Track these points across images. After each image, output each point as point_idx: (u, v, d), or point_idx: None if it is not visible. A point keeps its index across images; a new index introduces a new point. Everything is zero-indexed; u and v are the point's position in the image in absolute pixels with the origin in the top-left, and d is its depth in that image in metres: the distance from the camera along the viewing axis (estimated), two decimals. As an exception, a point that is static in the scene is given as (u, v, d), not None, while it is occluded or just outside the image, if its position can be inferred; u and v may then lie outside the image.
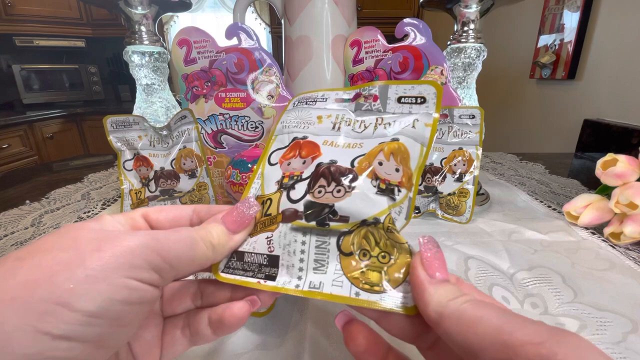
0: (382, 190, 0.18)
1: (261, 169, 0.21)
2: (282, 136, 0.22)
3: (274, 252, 0.18)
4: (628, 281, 0.31)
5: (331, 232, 0.17)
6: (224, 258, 0.18)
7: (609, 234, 0.38)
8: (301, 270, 0.17)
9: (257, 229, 0.19)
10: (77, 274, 0.12)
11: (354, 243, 0.17)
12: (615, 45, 0.84)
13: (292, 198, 0.19)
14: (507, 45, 1.29)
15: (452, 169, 0.42)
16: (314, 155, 0.20)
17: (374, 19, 1.89)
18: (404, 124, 0.19)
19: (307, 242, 0.17)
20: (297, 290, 0.16)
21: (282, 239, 0.18)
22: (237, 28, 0.44)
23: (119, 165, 0.41)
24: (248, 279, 0.17)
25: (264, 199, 0.20)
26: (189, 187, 0.45)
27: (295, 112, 0.23)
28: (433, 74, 0.42)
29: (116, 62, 2.23)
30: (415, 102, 0.19)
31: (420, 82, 0.19)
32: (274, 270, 0.17)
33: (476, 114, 0.40)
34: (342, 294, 0.16)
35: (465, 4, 0.42)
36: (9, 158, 1.57)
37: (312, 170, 0.19)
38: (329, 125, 0.21)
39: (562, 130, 1.03)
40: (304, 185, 0.19)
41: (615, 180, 0.37)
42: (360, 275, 0.16)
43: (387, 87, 0.20)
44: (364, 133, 0.20)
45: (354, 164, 0.19)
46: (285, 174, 0.20)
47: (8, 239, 0.41)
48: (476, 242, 0.38)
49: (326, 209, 0.17)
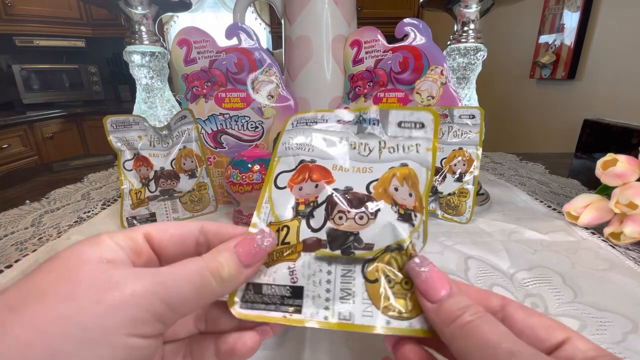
0: (402, 216, 0.18)
1: (268, 192, 0.21)
2: (287, 158, 0.22)
3: (298, 283, 0.17)
4: (628, 281, 0.31)
5: (356, 260, 0.17)
6: (236, 290, 0.18)
7: (609, 234, 0.38)
8: (328, 301, 0.17)
9: (272, 258, 0.18)
10: (75, 334, 0.11)
11: (379, 270, 0.17)
12: (615, 45, 0.84)
13: (313, 227, 0.18)
14: (507, 45, 1.29)
15: (452, 169, 0.42)
16: (327, 180, 0.20)
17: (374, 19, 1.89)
18: (408, 148, 0.19)
19: (332, 271, 0.17)
20: (326, 323, 0.16)
21: (307, 269, 0.17)
22: (237, 28, 0.44)
23: (119, 165, 0.41)
24: (271, 313, 0.17)
25: (279, 226, 0.19)
26: (189, 187, 0.45)
27: (296, 133, 0.22)
28: (433, 74, 0.42)
29: (116, 62, 2.23)
30: (415, 127, 0.20)
31: (418, 108, 0.20)
32: (299, 302, 0.17)
33: (476, 114, 0.40)
34: (373, 324, 0.16)
35: (465, 4, 0.42)
36: (9, 158, 1.57)
37: (328, 194, 0.19)
38: (334, 148, 0.21)
39: (562, 130, 1.03)
40: (322, 211, 0.19)
41: (615, 180, 0.37)
42: (388, 303, 0.16)
43: (388, 112, 0.20)
44: (370, 157, 0.20)
45: (370, 190, 0.19)
46: (299, 200, 0.20)
47: (8, 239, 0.41)
48: (476, 242, 0.38)
49: (351, 237, 0.17)
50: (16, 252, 0.37)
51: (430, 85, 0.42)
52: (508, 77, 1.30)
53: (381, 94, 0.46)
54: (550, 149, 1.07)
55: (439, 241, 0.38)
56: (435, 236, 0.39)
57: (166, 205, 0.44)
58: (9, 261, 0.35)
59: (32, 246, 0.39)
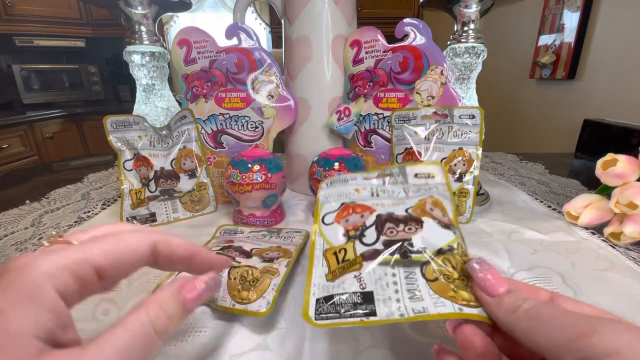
0: (444, 226, 0.20)
1: (318, 230, 0.23)
2: (329, 204, 0.24)
3: (367, 289, 0.18)
4: (628, 281, 0.31)
5: (413, 262, 0.19)
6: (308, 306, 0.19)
7: (609, 234, 0.38)
8: (399, 302, 0.18)
9: (336, 274, 0.20)
10: None
11: (436, 270, 0.18)
12: (615, 45, 0.85)
13: (366, 242, 0.20)
14: (507, 45, 1.29)
15: (452, 169, 0.42)
16: (370, 210, 0.22)
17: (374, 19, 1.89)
18: (429, 189, 0.23)
19: (396, 274, 0.19)
20: (404, 319, 0.17)
21: (373, 275, 0.19)
22: (237, 28, 0.44)
23: (119, 165, 0.41)
24: (347, 319, 0.18)
25: (335, 250, 0.21)
26: (189, 187, 0.45)
27: (332, 189, 0.25)
28: (433, 74, 0.42)
29: (116, 62, 2.23)
30: (428, 177, 0.23)
31: (430, 163, 0.24)
32: (371, 306, 0.18)
33: (476, 114, 0.40)
34: (448, 311, 0.17)
35: (465, 4, 0.42)
36: (9, 158, 1.57)
37: (374, 219, 0.21)
38: (369, 194, 0.24)
39: (562, 130, 1.03)
40: (373, 230, 0.21)
41: (615, 180, 0.37)
42: (455, 294, 0.18)
43: (405, 168, 0.24)
44: (399, 196, 0.23)
45: (409, 212, 0.21)
46: (348, 228, 0.22)
47: (8, 239, 0.41)
48: (476, 242, 0.38)
49: (405, 242, 0.19)
50: (16, 252, 0.37)
51: (430, 85, 0.42)
52: (508, 77, 1.30)
53: (381, 94, 0.46)
54: (550, 149, 1.07)
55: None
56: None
57: (166, 205, 0.44)
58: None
59: (32, 246, 0.39)
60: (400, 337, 0.25)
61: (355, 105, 0.48)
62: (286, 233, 0.38)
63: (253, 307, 0.25)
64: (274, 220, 0.43)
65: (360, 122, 0.48)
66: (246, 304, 0.25)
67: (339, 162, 0.40)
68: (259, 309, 0.25)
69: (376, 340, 0.24)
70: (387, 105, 0.45)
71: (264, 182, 0.39)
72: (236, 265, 0.28)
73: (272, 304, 0.25)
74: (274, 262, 0.30)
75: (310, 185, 0.42)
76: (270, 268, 0.29)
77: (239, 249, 0.31)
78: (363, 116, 0.47)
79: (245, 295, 0.26)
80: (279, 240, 0.36)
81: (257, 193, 0.39)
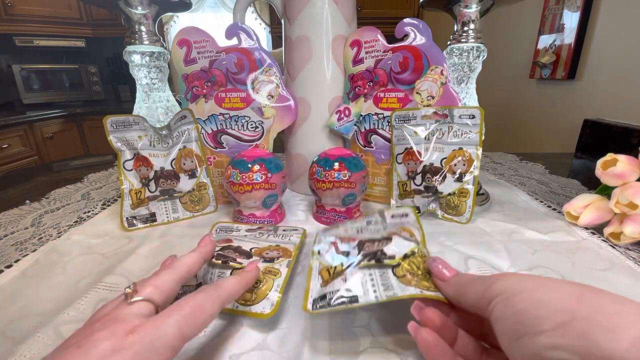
0: (407, 239, 0.27)
1: (315, 255, 0.30)
2: (321, 244, 0.32)
3: (350, 286, 0.24)
4: (628, 281, 0.31)
5: (386, 266, 0.25)
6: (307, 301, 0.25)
7: (609, 234, 0.38)
8: (375, 292, 0.23)
9: (328, 282, 0.25)
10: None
11: (403, 269, 0.24)
12: (615, 45, 0.84)
13: (351, 259, 0.27)
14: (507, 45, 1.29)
15: (452, 169, 0.42)
16: (354, 239, 0.30)
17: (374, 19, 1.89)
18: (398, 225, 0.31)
19: (373, 274, 0.24)
20: (379, 301, 0.22)
21: (355, 275, 0.24)
22: (237, 28, 0.44)
23: (119, 165, 0.41)
24: (337, 307, 0.23)
25: (328, 268, 0.27)
26: (189, 187, 0.45)
27: (325, 235, 0.33)
28: (433, 74, 0.42)
29: (116, 62, 2.23)
30: (402, 216, 0.32)
31: (401, 207, 0.33)
32: (354, 297, 0.23)
33: (476, 114, 0.40)
34: (413, 293, 0.22)
35: (465, 4, 0.42)
36: (9, 158, 1.57)
37: (356, 244, 0.28)
38: (354, 232, 0.32)
39: (562, 130, 1.03)
40: (355, 250, 0.28)
41: (615, 180, 0.37)
42: (418, 283, 0.23)
43: (383, 212, 0.33)
44: (379, 233, 0.31)
45: (384, 236, 0.29)
46: (338, 252, 0.29)
47: (8, 239, 0.41)
48: (476, 242, 0.38)
49: (379, 252, 0.26)
50: (16, 252, 0.37)
51: (430, 85, 0.42)
52: (508, 77, 1.30)
53: (381, 94, 0.46)
54: (550, 149, 1.07)
55: (439, 241, 0.38)
56: (436, 236, 0.39)
57: (166, 205, 0.44)
58: (8, 261, 0.35)
59: (32, 246, 0.39)
60: (400, 337, 0.25)
61: (355, 105, 0.48)
62: (283, 231, 0.38)
63: (257, 309, 0.25)
64: (274, 220, 0.43)
65: (360, 122, 0.48)
66: (250, 306, 0.25)
67: (339, 162, 0.39)
68: (263, 310, 0.25)
69: (376, 340, 0.24)
70: (387, 105, 0.45)
71: (264, 182, 0.39)
72: (238, 267, 0.28)
73: (276, 305, 0.25)
74: (274, 263, 0.30)
75: (310, 185, 0.42)
76: (272, 269, 0.29)
77: (239, 249, 0.31)
78: (363, 116, 0.47)
79: (248, 297, 0.26)
80: (277, 238, 0.36)
81: (257, 193, 0.39)
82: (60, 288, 0.31)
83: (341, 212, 0.42)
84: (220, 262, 0.28)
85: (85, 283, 0.31)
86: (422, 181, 0.43)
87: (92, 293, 0.30)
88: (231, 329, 0.26)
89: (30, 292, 0.30)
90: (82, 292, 0.30)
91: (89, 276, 0.32)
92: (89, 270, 0.33)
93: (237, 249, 0.31)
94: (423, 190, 0.43)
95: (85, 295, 0.29)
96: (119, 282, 0.31)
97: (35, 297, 0.30)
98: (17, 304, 0.29)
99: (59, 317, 0.27)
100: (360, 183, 0.40)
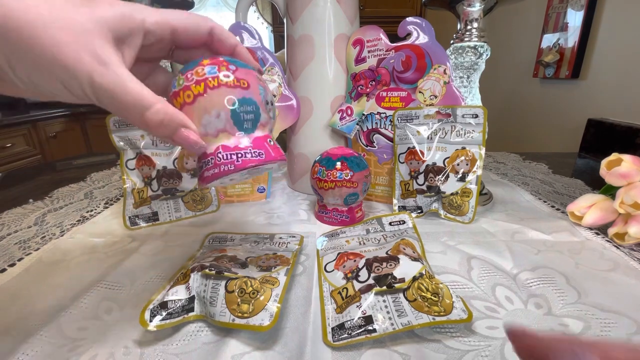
0: (414, 259, 0.29)
1: (324, 277, 0.31)
2: (327, 255, 0.34)
3: (367, 314, 0.25)
4: (632, 282, 0.30)
5: (397, 290, 0.26)
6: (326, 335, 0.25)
7: (613, 234, 0.37)
8: (390, 319, 0.25)
9: (343, 307, 0.26)
10: None
11: (414, 292, 0.26)
12: (620, 44, 0.84)
13: (361, 280, 0.28)
14: (510, 44, 1.28)
15: (455, 169, 0.41)
16: (360, 256, 0.31)
17: (376, 17, 1.89)
18: (400, 234, 0.35)
19: (386, 300, 0.26)
20: (395, 330, 0.24)
21: (370, 303, 0.26)
22: (240, 27, 0.44)
23: (121, 164, 0.41)
24: (355, 338, 0.24)
25: (339, 290, 0.28)
26: (191, 186, 0.45)
27: (328, 243, 0.36)
28: (436, 73, 0.42)
29: (119, 62, 2.23)
30: (399, 223, 0.38)
31: (396, 213, 0.40)
32: (372, 326, 0.24)
33: (479, 113, 0.39)
34: (426, 321, 0.24)
35: (469, 3, 0.41)
36: (12, 157, 1.58)
37: (364, 262, 0.30)
38: (357, 243, 0.35)
39: (566, 129, 1.02)
40: (364, 271, 0.29)
41: (619, 180, 0.37)
42: (430, 309, 0.25)
43: (381, 219, 0.39)
44: (380, 243, 0.34)
45: (388, 253, 0.31)
46: (346, 272, 0.30)
47: (11, 237, 0.41)
48: (479, 242, 0.38)
49: (389, 276, 0.27)
50: (19, 250, 0.38)
51: (433, 84, 0.42)
52: (511, 76, 1.29)
53: (384, 93, 0.46)
54: (554, 148, 1.06)
55: (441, 241, 0.38)
56: (438, 236, 0.39)
57: (168, 204, 0.44)
58: (12, 260, 0.36)
59: (35, 245, 0.39)
60: (402, 337, 0.24)
61: (358, 104, 0.48)
62: (279, 239, 0.37)
63: (255, 321, 0.24)
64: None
65: (362, 122, 0.48)
66: (247, 318, 0.24)
67: (341, 161, 0.39)
68: (262, 323, 0.24)
69: (378, 340, 0.24)
70: (390, 104, 0.45)
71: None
72: (233, 277, 0.26)
73: (275, 316, 0.24)
74: (272, 271, 0.29)
75: (312, 184, 0.42)
76: (270, 277, 0.27)
77: (234, 259, 0.30)
78: (365, 115, 0.47)
79: (245, 309, 0.24)
80: (274, 246, 0.35)
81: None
82: (63, 287, 0.31)
83: (343, 211, 0.42)
84: (214, 272, 0.27)
85: (88, 282, 0.31)
86: (424, 181, 0.43)
87: (95, 292, 0.30)
88: (233, 328, 0.26)
89: (33, 290, 0.31)
90: (85, 291, 0.30)
91: (92, 275, 0.33)
92: (92, 269, 0.34)
93: (232, 259, 0.30)
94: (425, 189, 0.43)
95: (88, 294, 0.29)
96: (122, 281, 0.32)
97: (38, 296, 0.30)
98: (20, 303, 0.29)
99: (62, 316, 0.27)
100: (363, 182, 0.40)
